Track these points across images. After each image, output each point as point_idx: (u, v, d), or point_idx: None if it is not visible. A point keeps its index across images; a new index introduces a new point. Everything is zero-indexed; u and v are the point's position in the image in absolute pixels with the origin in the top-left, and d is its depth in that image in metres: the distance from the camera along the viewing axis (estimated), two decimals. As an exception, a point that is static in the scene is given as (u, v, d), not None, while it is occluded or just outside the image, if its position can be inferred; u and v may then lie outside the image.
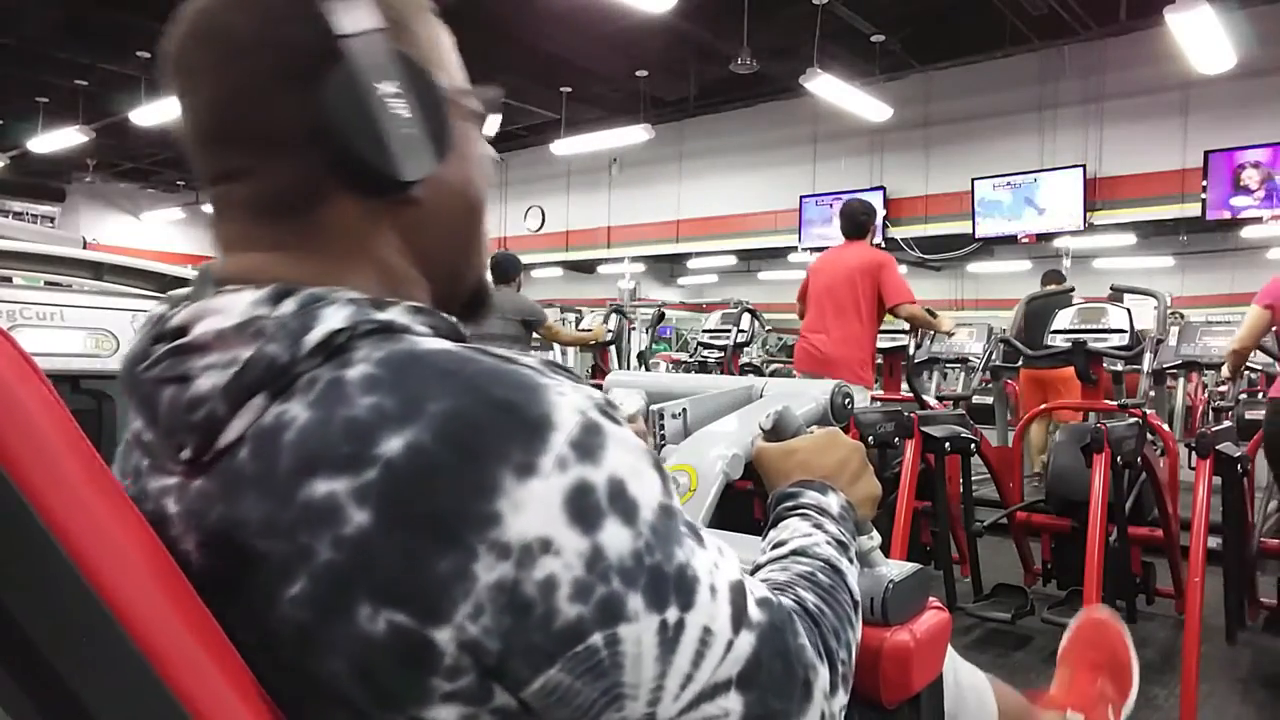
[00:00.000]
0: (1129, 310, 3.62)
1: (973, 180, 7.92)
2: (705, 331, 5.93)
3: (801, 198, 9.08)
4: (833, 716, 0.57)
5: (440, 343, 0.52)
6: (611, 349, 5.90)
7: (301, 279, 0.53)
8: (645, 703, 0.48)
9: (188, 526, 0.49)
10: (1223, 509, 2.63)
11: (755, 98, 8.85)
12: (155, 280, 2.43)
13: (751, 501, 2.57)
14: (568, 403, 0.49)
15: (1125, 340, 3.45)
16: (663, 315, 7.12)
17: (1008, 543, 3.37)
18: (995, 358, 4.95)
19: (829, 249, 4.32)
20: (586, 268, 13.06)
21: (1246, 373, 5.34)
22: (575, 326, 6.17)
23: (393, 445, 0.45)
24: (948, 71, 7.82)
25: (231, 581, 0.47)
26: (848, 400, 1.21)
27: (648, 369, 6.72)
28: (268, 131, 0.54)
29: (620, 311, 5.98)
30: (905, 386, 4.29)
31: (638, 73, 8.66)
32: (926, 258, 9.01)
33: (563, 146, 9.16)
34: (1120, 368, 4.34)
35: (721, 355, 5.64)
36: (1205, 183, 6.89)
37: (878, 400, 4.19)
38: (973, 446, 3.02)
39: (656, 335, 8.16)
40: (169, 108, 0.58)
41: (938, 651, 0.80)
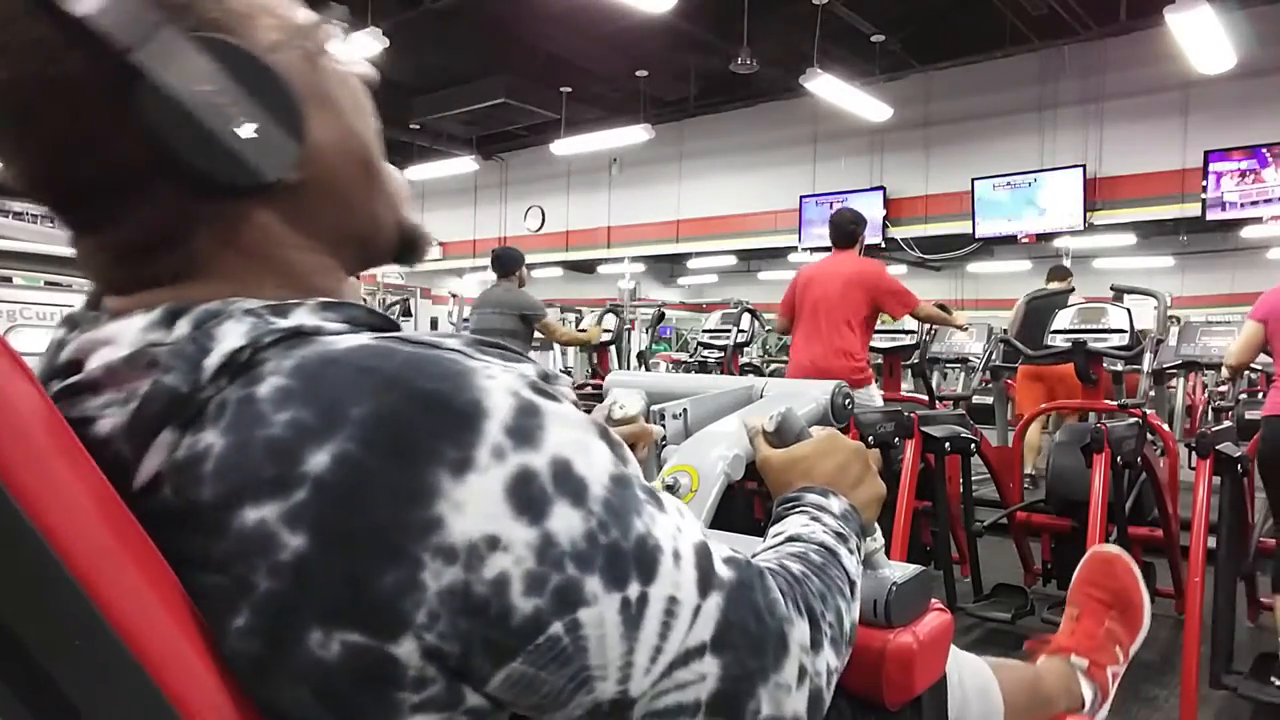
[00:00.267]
0: (1129, 310, 3.62)
1: (973, 180, 7.92)
2: (705, 331, 5.93)
3: (801, 198, 9.09)
4: (817, 674, 0.55)
5: (354, 338, 0.48)
6: (611, 349, 5.90)
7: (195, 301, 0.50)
8: (615, 681, 0.47)
9: None
10: (1220, 511, 2.63)
11: (755, 98, 8.86)
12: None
13: (753, 501, 2.57)
14: (498, 385, 0.46)
15: (1125, 340, 3.45)
16: (663, 315, 7.12)
17: (1008, 543, 3.37)
18: (995, 358, 4.96)
19: (817, 261, 4.31)
20: (586, 268, 13.06)
21: (1246, 373, 5.34)
22: (575, 326, 6.17)
23: (318, 461, 0.43)
24: (948, 71, 7.82)
25: None
26: (848, 400, 1.21)
27: (648, 369, 6.72)
28: (104, 177, 0.49)
29: (616, 311, 5.98)
30: (906, 386, 4.29)
31: (638, 73, 8.66)
32: (926, 258, 9.01)
33: (563, 146, 9.15)
34: (1120, 368, 4.34)
35: (721, 355, 5.64)
36: (1205, 183, 6.89)
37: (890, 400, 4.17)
38: (973, 446, 3.02)
39: (656, 335, 8.15)
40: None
41: (940, 653, 0.80)
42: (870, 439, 2.79)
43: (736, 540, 0.72)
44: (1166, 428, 3.48)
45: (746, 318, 5.68)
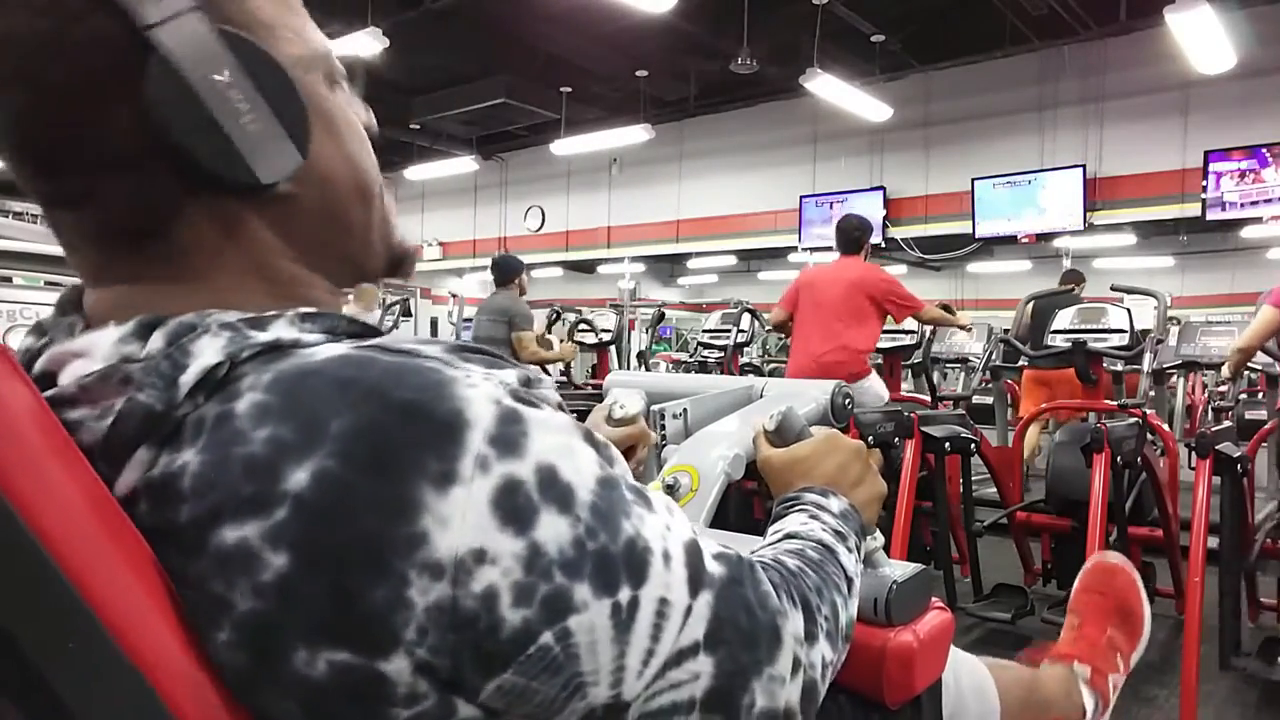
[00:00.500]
0: (1129, 310, 3.62)
1: (973, 180, 7.92)
2: (705, 331, 5.92)
3: (801, 198, 9.08)
4: (811, 666, 0.55)
5: (332, 349, 0.47)
6: (611, 349, 5.90)
7: (172, 309, 0.48)
8: (608, 685, 0.46)
9: None
10: (1221, 509, 2.63)
11: (755, 98, 8.85)
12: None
13: (753, 501, 2.57)
14: (479, 394, 0.45)
15: (1125, 340, 3.45)
16: (663, 315, 7.11)
17: (1008, 543, 3.37)
18: (995, 358, 4.95)
19: (822, 265, 4.33)
20: (586, 268, 13.06)
21: (1246, 373, 5.34)
22: (575, 327, 6.14)
23: (298, 478, 0.42)
24: (948, 71, 7.81)
25: None
26: (848, 400, 1.21)
27: (648, 369, 6.71)
28: (95, 149, 0.48)
29: (594, 325, 5.85)
30: (906, 386, 4.29)
31: (638, 73, 8.66)
32: (926, 258, 9.01)
33: (563, 146, 9.15)
34: (1120, 368, 4.34)
35: (721, 355, 5.64)
36: (1205, 183, 6.89)
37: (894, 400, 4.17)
38: (973, 446, 3.02)
39: (656, 335, 8.15)
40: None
41: (941, 652, 0.81)
42: (870, 439, 2.79)
43: (736, 540, 0.72)
44: (1166, 428, 3.48)
45: (746, 318, 5.68)
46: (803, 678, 0.55)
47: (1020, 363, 4.99)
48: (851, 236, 4.02)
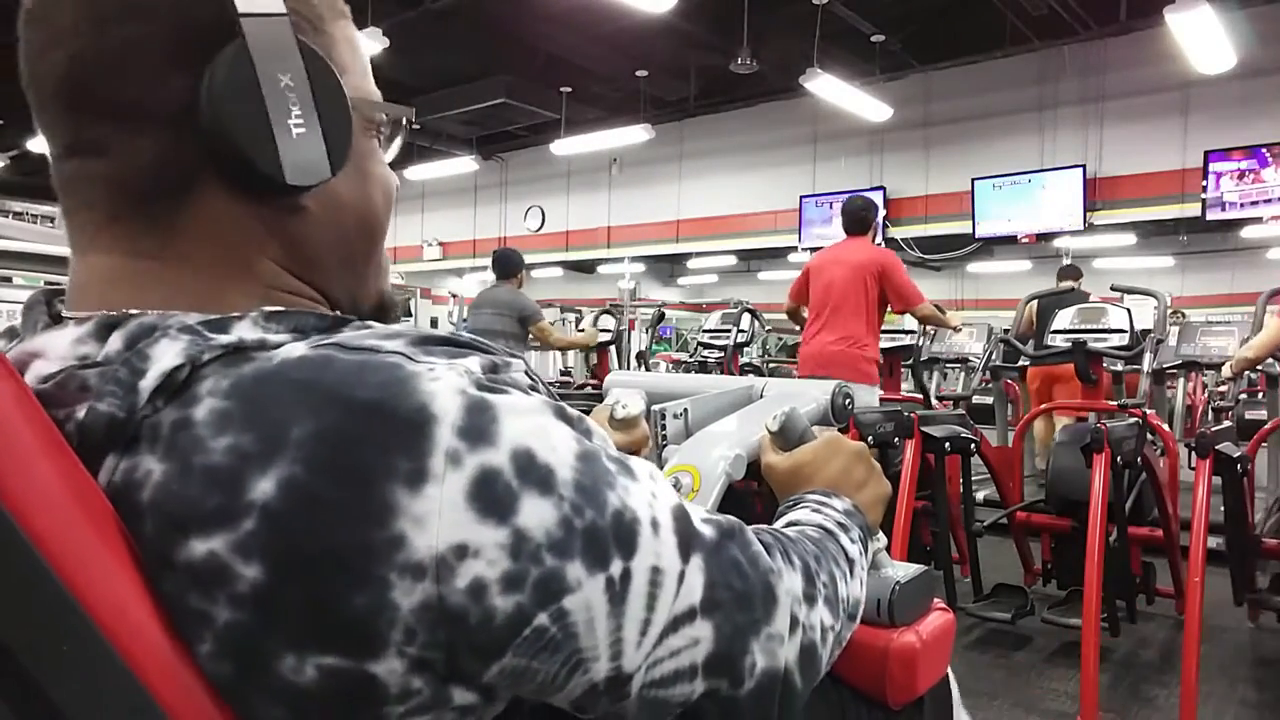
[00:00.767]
0: (1129, 310, 3.62)
1: (973, 180, 7.92)
2: (705, 331, 5.92)
3: (801, 198, 9.08)
4: (810, 627, 0.55)
5: (291, 350, 0.46)
6: (611, 349, 5.90)
7: (163, 301, 0.48)
8: (608, 659, 0.46)
9: None
10: (1224, 508, 2.63)
11: (755, 98, 8.85)
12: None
13: (753, 501, 2.57)
14: (443, 387, 0.44)
15: (1125, 340, 3.45)
16: (663, 315, 7.11)
17: (1008, 543, 3.37)
18: (995, 358, 4.95)
19: (830, 246, 4.29)
20: (586, 268, 13.06)
21: (1246, 373, 5.34)
22: (575, 326, 6.15)
23: (264, 488, 0.41)
24: (948, 71, 7.82)
25: None
26: (848, 400, 1.21)
27: (648, 369, 6.71)
28: (135, 102, 0.48)
29: (614, 312, 5.96)
30: (906, 386, 4.29)
31: (638, 73, 8.66)
32: (926, 258, 9.01)
33: (563, 146, 9.15)
34: (1120, 368, 4.34)
35: (721, 355, 5.64)
36: (1205, 183, 6.90)
37: (885, 400, 4.18)
38: (973, 446, 3.02)
39: (657, 335, 8.15)
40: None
41: (943, 653, 0.80)
42: (870, 439, 2.78)
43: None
44: (1166, 428, 3.48)
45: (746, 318, 5.67)
46: (801, 637, 0.55)
47: (1021, 362, 5.00)
48: (858, 216, 3.97)
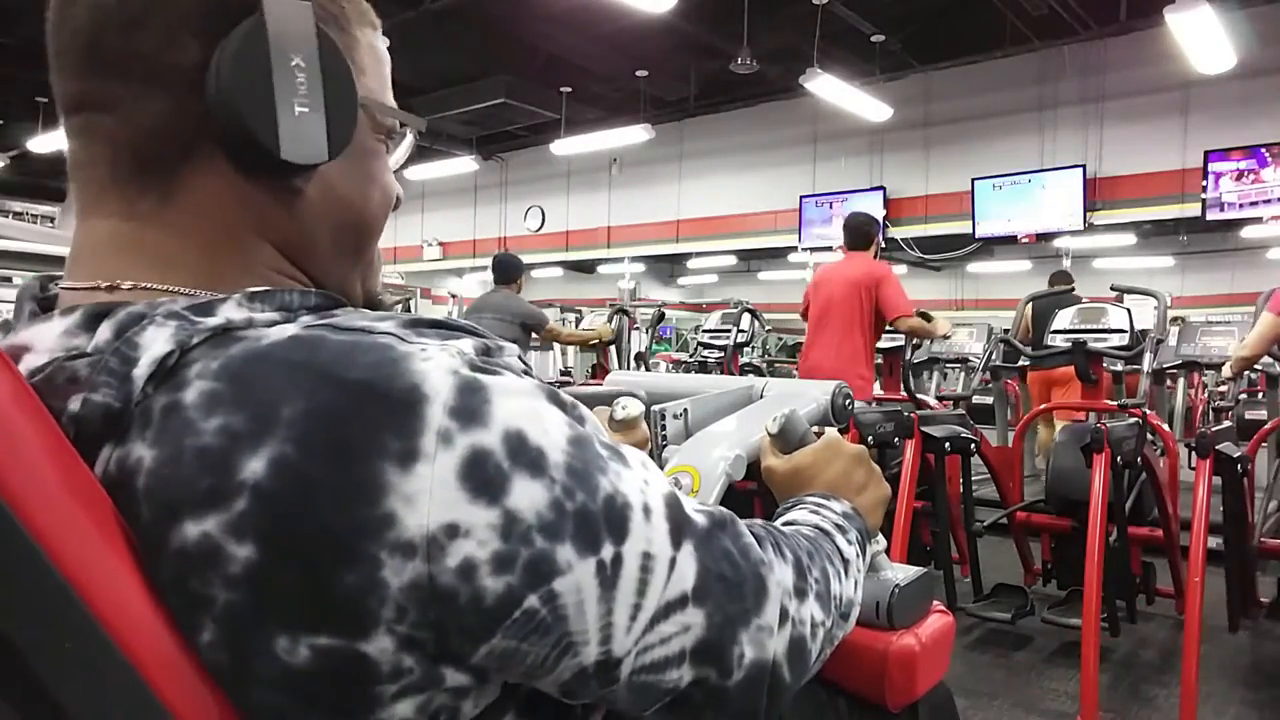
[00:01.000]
0: (1129, 310, 3.62)
1: (973, 180, 7.91)
2: (705, 331, 5.92)
3: (801, 198, 9.08)
4: (800, 621, 0.55)
5: (282, 330, 0.47)
6: (611, 349, 5.90)
7: (155, 275, 0.50)
8: (597, 643, 0.46)
9: None
10: (1223, 508, 2.63)
11: (755, 98, 8.84)
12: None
13: (753, 501, 2.57)
14: (435, 366, 0.44)
15: (1125, 340, 3.45)
16: (663, 315, 7.11)
17: (1008, 543, 3.37)
18: (995, 358, 4.95)
19: (831, 263, 4.31)
20: (586, 268, 13.05)
21: (1246, 373, 5.34)
22: (576, 326, 6.15)
23: (254, 468, 0.41)
24: (948, 71, 7.81)
25: None
26: (848, 401, 1.20)
27: (648, 369, 6.71)
28: (148, 61, 0.49)
29: (627, 311, 5.98)
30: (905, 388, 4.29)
31: (638, 73, 8.65)
32: (926, 258, 9.00)
33: (563, 146, 9.14)
34: (1120, 368, 4.33)
35: (721, 355, 5.64)
36: (1205, 183, 6.89)
37: (875, 400, 4.19)
38: (973, 446, 3.02)
39: (657, 335, 8.14)
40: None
41: (943, 655, 0.80)
42: (870, 439, 2.78)
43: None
44: (1166, 428, 3.48)
45: (746, 318, 5.67)
46: (790, 630, 0.55)
47: (1021, 362, 5.00)
48: (860, 232, 4.00)
